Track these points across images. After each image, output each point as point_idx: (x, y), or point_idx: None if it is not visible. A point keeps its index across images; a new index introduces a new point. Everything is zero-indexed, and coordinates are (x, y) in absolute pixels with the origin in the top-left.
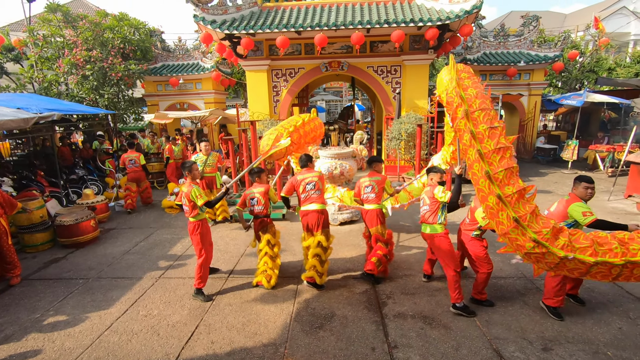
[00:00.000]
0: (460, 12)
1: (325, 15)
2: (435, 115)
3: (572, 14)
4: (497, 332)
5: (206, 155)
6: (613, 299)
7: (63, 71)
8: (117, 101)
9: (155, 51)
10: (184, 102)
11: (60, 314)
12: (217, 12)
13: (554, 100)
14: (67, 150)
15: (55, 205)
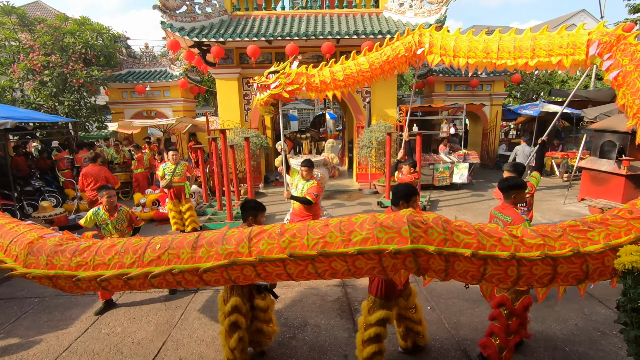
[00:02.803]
0: (424, 25)
1: (296, 25)
2: (405, 124)
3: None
4: (465, 333)
5: (174, 164)
6: (570, 297)
7: (18, 77)
8: (78, 108)
9: (120, 57)
10: (151, 110)
11: (12, 337)
12: (185, 19)
13: (513, 110)
14: (22, 160)
15: None
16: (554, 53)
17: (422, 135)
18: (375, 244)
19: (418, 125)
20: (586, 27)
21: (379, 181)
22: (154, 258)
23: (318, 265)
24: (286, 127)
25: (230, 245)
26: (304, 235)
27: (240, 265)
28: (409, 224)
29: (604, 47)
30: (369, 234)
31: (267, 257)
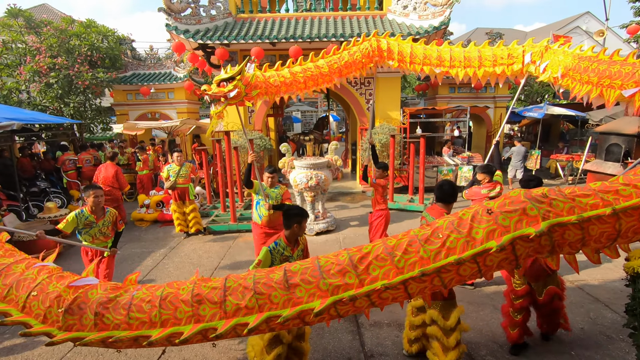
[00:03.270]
0: (429, 28)
1: (300, 27)
2: (408, 126)
3: (532, 32)
4: (469, 336)
5: (179, 165)
6: (575, 301)
7: (24, 79)
8: (83, 110)
9: (125, 59)
10: (156, 112)
11: (17, 337)
12: (190, 21)
13: (517, 112)
14: (27, 162)
15: (14, 220)
16: (498, 63)
17: (426, 137)
18: (506, 233)
19: (422, 127)
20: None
21: None
22: (241, 306)
23: (445, 275)
24: (289, 128)
25: (334, 278)
26: (418, 248)
27: (355, 299)
28: (531, 202)
29: (536, 55)
30: (492, 225)
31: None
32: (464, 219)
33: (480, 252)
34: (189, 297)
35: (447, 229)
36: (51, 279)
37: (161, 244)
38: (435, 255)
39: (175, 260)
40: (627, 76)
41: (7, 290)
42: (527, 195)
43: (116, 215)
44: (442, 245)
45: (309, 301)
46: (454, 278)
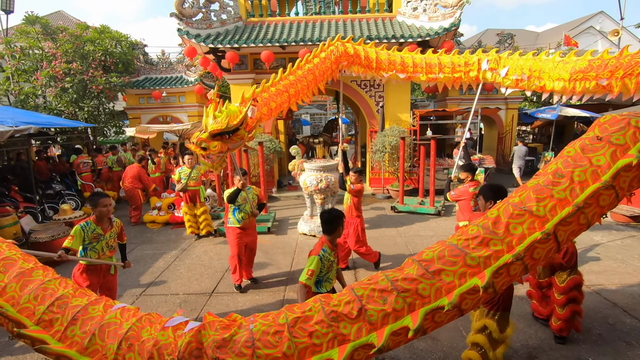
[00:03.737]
0: (439, 30)
1: (309, 30)
2: (418, 128)
3: (543, 32)
4: None
5: (190, 168)
6: (592, 306)
7: (41, 84)
8: (97, 114)
9: (138, 64)
10: (167, 115)
11: None
12: (201, 26)
13: (530, 113)
14: (43, 165)
15: (30, 222)
16: (456, 70)
17: (436, 139)
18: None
19: (432, 129)
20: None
21: (392, 186)
22: (388, 311)
23: (587, 210)
24: (299, 131)
25: (479, 250)
26: (549, 191)
27: (515, 262)
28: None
29: (493, 62)
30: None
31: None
32: (573, 154)
33: (615, 173)
34: (323, 316)
35: (565, 167)
36: (141, 322)
37: (173, 246)
38: (571, 192)
39: (187, 262)
40: (599, 68)
41: (88, 339)
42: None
43: (121, 226)
44: (570, 181)
45: (463, 282)
46: (596, 212)
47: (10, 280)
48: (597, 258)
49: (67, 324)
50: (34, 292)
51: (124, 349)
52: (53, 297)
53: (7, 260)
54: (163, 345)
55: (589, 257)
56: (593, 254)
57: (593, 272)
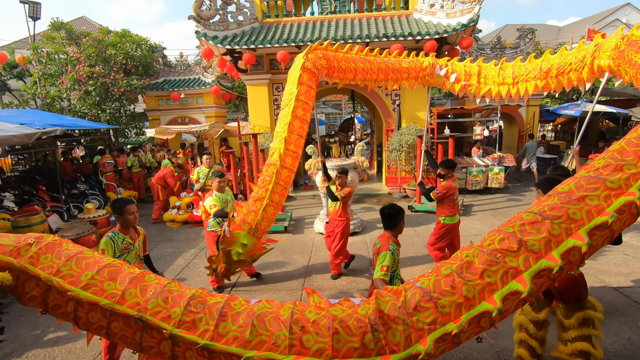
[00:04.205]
0: (457, 26)
1: (325, 29)
2: (435, 127)
3: (566, 26)
4: (504, 343)
5: (208, 168)
6: (620, 309)
7: (66, 87)
8: (118, 116)
9: (157, 66)
10: (185, 116)
11: (61, 330)
12: (218, 28)
13: (552, 110)
14: (68, 165)
15: (57, 220)
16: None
17: (454, 138)
18: None
19: (450, 127)
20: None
21: (409, 185)
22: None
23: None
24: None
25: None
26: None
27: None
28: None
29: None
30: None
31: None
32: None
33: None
34: (486, 256)
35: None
36: (298, 306)
37: (192, 244)
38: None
39: (205, 260)
40: (534, 71)
41: (248, 331)
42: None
43: (145, 235)
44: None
45: (609, 203)
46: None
47: (127, 286)
48: (626, 259)
49: (215, 321)
50: (161, 296)
51: (297, 332)
52: (186, 298)
53: (111, 267)
54: (344, 318)
55: (617, 257)
56: (621, 254)
57: (622, 274)
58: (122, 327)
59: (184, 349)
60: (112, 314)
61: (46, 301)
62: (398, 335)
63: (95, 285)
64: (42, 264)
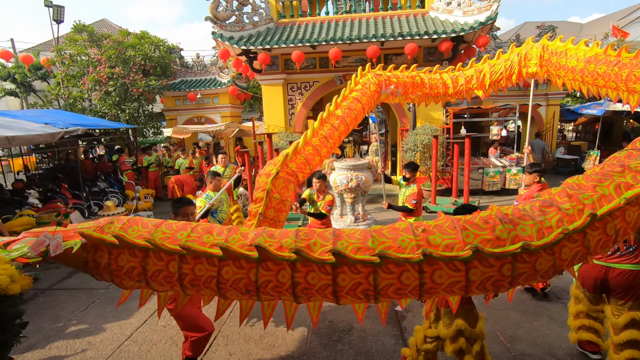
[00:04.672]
0: (474, 24)
1: (340, 29)
2: (451, 127)
3: (588, 23)
4: (522, 348)
5: (223, 167)
6: None
7: (87, 88)
8: (137, 116)
9: (174, 67)
10: (202, 116)
11: (82, 323)
12: (234, 28)
13: (573, 109)
14: (89, 164)
15: (78, 217)
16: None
17: (471, 137)
18: None
19: (466, 127)
20: None
21: (424, 185)
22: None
23: None
24: None
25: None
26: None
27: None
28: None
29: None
30: None
31: None
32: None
33: None
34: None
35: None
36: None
37: None
38: None
39: None
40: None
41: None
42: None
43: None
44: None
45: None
46: None
47: (227, 235)
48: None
49: (331, 242)
50: (265, 234)
51: (421, 234)
52: (292, 231)
53: (204, 225)
54: (468, 220)
55: None
56: None
57: None
58: (234, 270)
59: (306, 271)
60: (222, 260)
61: (145, 269)
62: (528, 230)
63: (195, 240)
64: (131, 235)
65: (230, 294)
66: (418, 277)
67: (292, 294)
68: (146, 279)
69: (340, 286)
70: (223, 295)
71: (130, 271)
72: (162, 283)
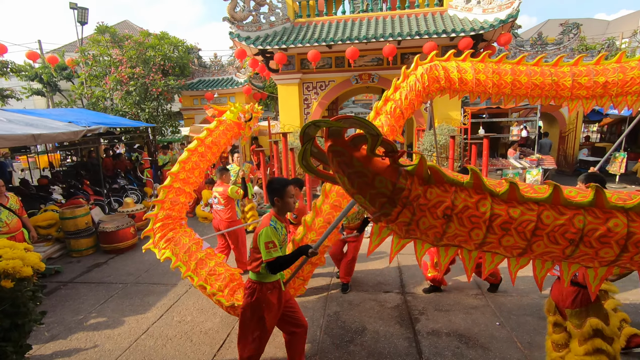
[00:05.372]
0: (494, 22)
1: (356, 28)
2: (469, 127)
3: (615, 20)
4: (540, 355)
5: (239, 166)
6: None
7: (109, 87)
8: (156, 115)
9: (193, 67)
10: None
11: (101, 317)
12: (251, 28)
13: (597, 110)
14: (110, 161)
15: (99, 213)
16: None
17: (489, 138)
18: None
19: (484, 127)
20: None
21: None
22: None
23: None
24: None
25: None
26: None
27: None
28: None
29: None
30: None
31: None
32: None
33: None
34: None
35: None
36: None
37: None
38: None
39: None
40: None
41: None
42: None
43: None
44: None
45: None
46: None
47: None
48: None
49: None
50: None
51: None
52: None
53: None
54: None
55: None
56: None
57: None
58: (555, 216)
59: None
60: (540, 204)
61: (455, 204)
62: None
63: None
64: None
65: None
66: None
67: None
68: (453, 215)
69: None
70: (529, 248)
71: (437, 205)
72: (465, 224)
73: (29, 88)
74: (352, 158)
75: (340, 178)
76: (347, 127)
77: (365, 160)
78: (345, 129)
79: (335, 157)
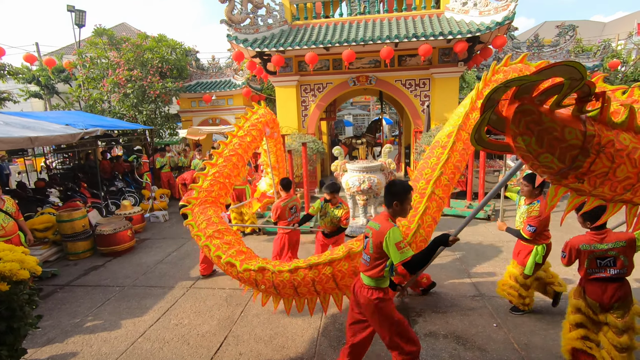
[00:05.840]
0: (491, 24)
1: (354, 30)
2: None
3: (611, 22)
4: (537, 356)
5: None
6: None
7: (107, 90)
8: (154, 117)
9: (190, 69)
10: (216, 118)
11: (98, 319)
12: (249, 31)
13: None
14: (107, 164)
15: (96, 215)
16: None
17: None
18: None
19: None
20: None
21: None
22: None
23: None
24: (341, 132)
25: None
26: None
27: None
28: None
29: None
30: None
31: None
32: None
33: None
34: None
35: None
36: None
37: None
38: None
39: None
40: None
41: None
42: None
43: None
44: None
45: None
46: None
47: None
48: None
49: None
50: None
51: None
52: None
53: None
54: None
55: None
56: None
57: None
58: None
59: None
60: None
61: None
62: None
63: None
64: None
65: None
66: None
67: None
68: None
69: None
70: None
71: (633, 151)
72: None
73: (26, 90)
74: (540, 114)
75: (525, 140)
76: (549, 77)
77: (551, 115)
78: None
79: (524, 117)
